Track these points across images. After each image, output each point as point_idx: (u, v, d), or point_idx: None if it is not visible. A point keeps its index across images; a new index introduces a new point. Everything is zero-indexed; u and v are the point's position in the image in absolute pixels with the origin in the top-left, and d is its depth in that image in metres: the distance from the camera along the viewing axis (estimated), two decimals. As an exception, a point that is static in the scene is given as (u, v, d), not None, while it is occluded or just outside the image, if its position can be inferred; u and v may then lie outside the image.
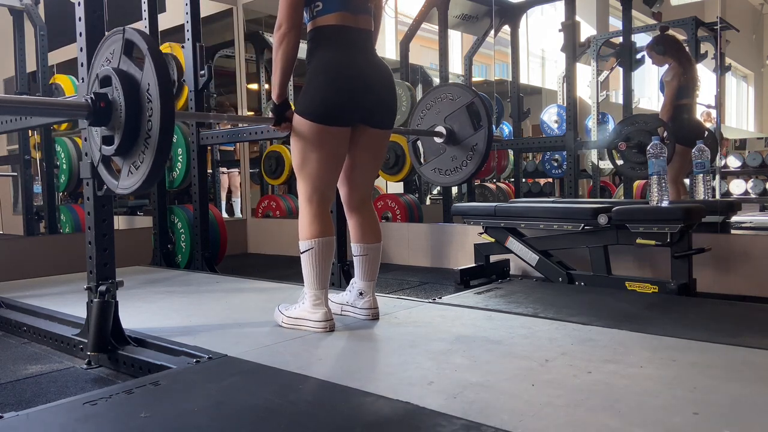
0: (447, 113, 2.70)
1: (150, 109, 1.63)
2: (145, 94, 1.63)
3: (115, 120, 1.69)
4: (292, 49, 1.94)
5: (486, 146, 2.60)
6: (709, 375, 1.49)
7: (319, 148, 1.96)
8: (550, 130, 5.73)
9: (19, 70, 4.65)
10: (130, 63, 1.69)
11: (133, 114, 1.66)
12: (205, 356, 1.75)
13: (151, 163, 1.64)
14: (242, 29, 5.51)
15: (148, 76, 1.62)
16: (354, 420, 1.28)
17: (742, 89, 5.03)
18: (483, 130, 2.61)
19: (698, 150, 3.37)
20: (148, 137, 1.64)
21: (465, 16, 5.26)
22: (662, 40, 3.90)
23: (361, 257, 2.16)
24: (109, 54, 1.77)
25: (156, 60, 1.61)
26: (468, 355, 1.71)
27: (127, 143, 1.68)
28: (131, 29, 1.70)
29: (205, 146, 3.70)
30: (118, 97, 1.67)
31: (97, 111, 1.69)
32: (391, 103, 2.10)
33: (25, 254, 3.84)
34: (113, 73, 1.68)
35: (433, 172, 2.78)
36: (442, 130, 2.69)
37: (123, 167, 1.75)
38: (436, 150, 2.76)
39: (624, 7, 4.42)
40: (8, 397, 1.74)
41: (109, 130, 1.72)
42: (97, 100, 1.70)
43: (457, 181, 2.69)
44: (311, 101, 1.94)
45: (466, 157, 2.64)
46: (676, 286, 2.60)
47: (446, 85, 2.78)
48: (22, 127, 2.37)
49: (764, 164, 4.30)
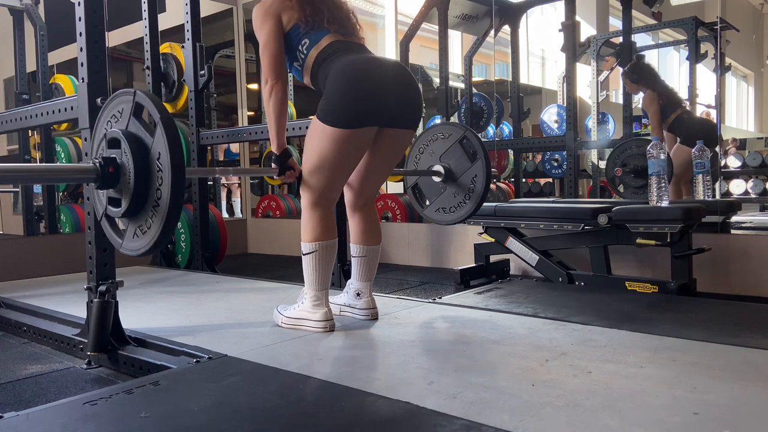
0: (441, 152, 2.74)
1: (160, 178, 1.58)
2: (156, 162, 1.58)
3: (123, 184, 1.64)
4: (281, 99, 1.97)
5: (486, 170, 2.63)
6: (709, 375, 1.49)
7: (338, 153, 1.91)
8: (550, 130, 5.73)
9: (19, 70, 4.65)
10: (140, 126, 1.64)
11: (142, 181, 1.61)
12: (205, 356, 1.74)
13: (159, 231, 1.60)
14: (242, 29, 5.51)
15: (159, 145, 1.57)
16: (354, 420, 1.28)
17: (742, 89, 5.03)
18: (480, 160, 2.63)
19: (698, 150, 3.37)
20: (157, 205, 1.59)
21: (465, 16, 5.26)
22: (636, 68, 4.04)
23: (360, 258, 2.16)
24: (117, 112, 1.71)
25: (168, 129, 1.56)
26: (468, 355, 1.71)
27: (135, 208, 1.64)
28: (142, 93, 1.64)
29: (205, 146, 3.71)
30: (126, 162, 1.62)
31: (106, 176, 1.64)
32: (415, 101, 2.03)
33: (25, 254, 3.84)
34: (122, 137, 1.62)
35: (437, 212, 2.80)
36: (440, 169, 2.72)
37: (128, 228, 1.70)
38: (436, 190, 2.79)
39: (624, 7, 4.42)
40: (8, 397, 1.74)
41: (116, 192, 1.67)
42: (106, 164, 1.64)
43: (464, 215, 2.71)
44: (334, 106, 1.89)
45: (469, 190, 2.66)
46: (676, 286, 2.60)
47: (436, 126, 2.81)
48: (22, 127, 2.37)
49: (764, 164, 4.29)
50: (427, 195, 2.85)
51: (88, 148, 1.99)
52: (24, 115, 2.32)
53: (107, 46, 2.09)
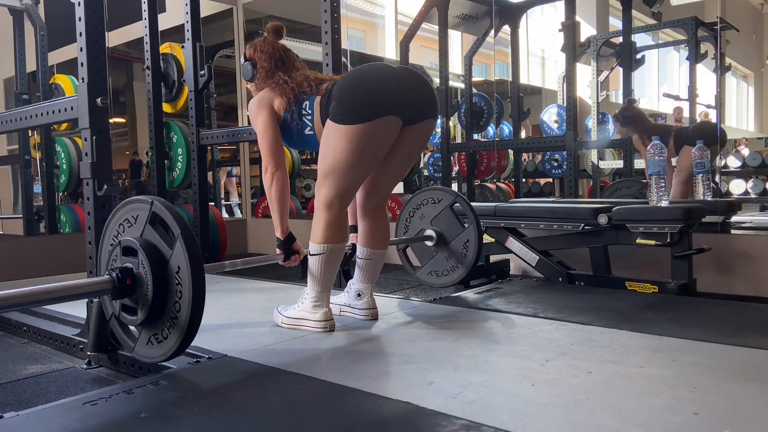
0: (432, 216, 2.76)
1: (179, 291, 1.55)
2: (175, 276, 1.56)
3: (140, 295, 1.60)
4: (282, 185, 2.02)
5: (478, 240, 2.65)
6: (709, 375, 1.49)
7: (352, 152, 1.90)
8: (550, 130, 5.72)
9: (19, 70, 4.65)
10: (157, 236, 1.60)
11: (161, 294, 1.58)
12: (205, 356, 1.75)
13: (177, 344, 1.56)
14: (242, 29, 5.51)
15: (179, 259, 1.54)
16: (354, 420, 1.28)
17: (742, 89, 5.03)
18: (472, 225, 2.66)
19: (698, 150, 3.37)
20: (175, 318, 1.57)
21: (465, 16, 5.26)
22: (625, 112, 4.08)
23: (365, 261, 2.16)
24: (130, 218, 1.67)
25: (189, 246, 1.53)
26: (468, 355, 1.71)
27: (151, 319, 1.60)
28: (159, 203, 1.61)
29: (205, 146, 3.70)
30: (144, 273, 1.58)
31: (122, 288, 1.60)
32: (430, 92, 2.02)
33: (25, 254, 3.84)
34: (139, 247, 1.59)
35: (429, 275, 2.84)
36: (431, 234, 2.75)
37: (141, 335, 1.67)
38: (428, 254, 2.82)
39: (624, 7, 4.42)
40: (8, 397, 1.74)
41: (131, 302, 1.63)
42: (123, 276, 1.59)
43: (455, 279, 2.75)
44: (345, 104, 1.89)
45: (461, 254, 2.70)
46: (676, 286, 2.60)
47: (426, 190, 2.84)
48: (22, 127, 2.37)
49: (764, 164, 4.29)
50: (419, 257, 2.88)
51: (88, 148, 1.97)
52: (24, 115, 2.32)
53: (107, 46, 2.09)
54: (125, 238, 1.64)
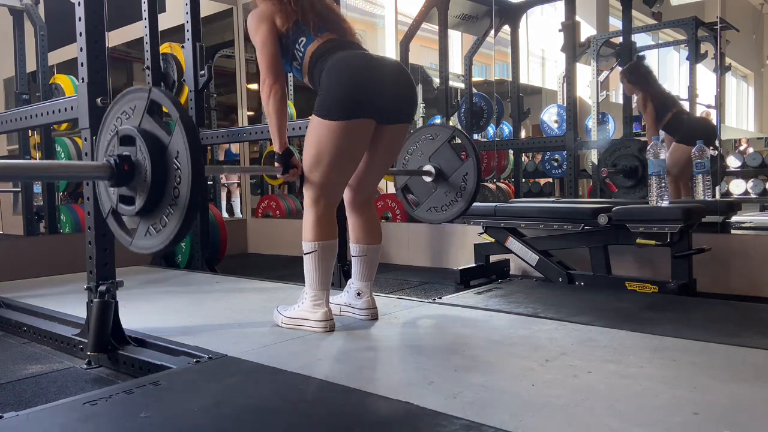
0: (431, 152, 2.75)
1: (178, 176, 1.55)
2: (173, 161, 1.56)
3: (138, 182, 1.60)
4: (281, 98, 1.98)
5: (477, 169, 2.64)
6: (709, 375, 1.49)
7: (336, 147, 1.92)
8: (550, 130, 5.72)
9: (19, 70, 4.65)
10: (155, 124, 1.60)
11: (159, 180, 1.57)
12: (205, 356, 1.74)
13: (175, 231, 1.56)
14: (242, 29, 5.51)
15: (178, 144, 1.54)
16: (354, 420, 1.28)
17: (742, 89, 5.03)
18: (471, 159, 2.64)
19: (698, 150, 3.37)
20: (174, 204, 1.56)
21: (465, 16, 5.26)
22: (633, 69, 4.05)
23: (360, 258, 2.16)
24: (128, 109, 1.67)
25: (188, 128, 1.53)
26: (468, 355, 1.71)
27: (149, 206, 1.60)
28: (158, 90, 1.62)
29: (205, 146, 3.71)
30: (143, 159, 1.58)
31: (120, 174, 1.60)
32: (410, 96, 2.07)
33: (25, 254, 3.84)
34: (138, 134, 1.59)
35: (428, 212, 2.82)
36: (430, 169, 2.73)
37: (139, 226, 1.66)
38: (427, 190, 2.81)
39: (624, 7, 4.42)
40: (8, 397, 1.74)
41: (129, 190, 1.63)
42: (121, 162, 1.60)
43: (456, 213, 2.73)
44: (331, 100, 1.91)
45: (460, 188, 2.68)
46: (676, 286, 2.60)
47: (423, 128, 2.83)
48: (22, 127, 2.37)
49: (764, 164, 4.29)
50: (417, 195, 2.86)
51: (88, 148, 1.99)
52: (24, 115, 2.32)
53: (107, 46, 2.09)
54: (123, 128, 1.64)
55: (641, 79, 3.99)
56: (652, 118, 3.90)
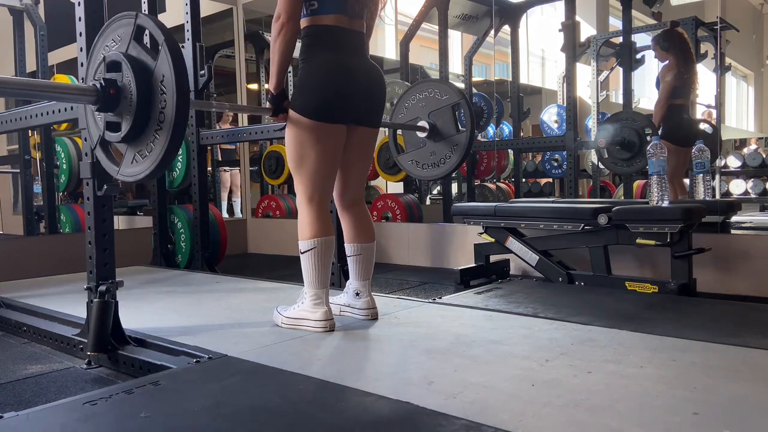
0: (432, 109, 2.72)
1: (164, 100, 1.57)
2: (159, 85, 1.58)
3: (124, 107, 1.62)
4: (290, 39, 1.94)
5: (467, 147, 2.62)
6: (709, 375, 1.49)
7: (316, 144, 1.97)
8: (550, 130, 5.73)
9: (19, 70, 4.65)
10: (141, 50, 1.62)
11: (145, 103, 1.59)
12: (205, 356, 1.74)
13: (161, 155, 1.58)
14: (242, 29, 5.51)
15: (163, 68, 1.56)
16: (354, 420, 1.28)
17: (742, 89, 5.03)
18: (466, 132, 2.63)
19: (698, 150, 3.37)
20: (159, 129, 1.58)
21: (465, 16, 5.26)
22: (668, 35, 3.91)
23: (355, 257, 2.16)
24: (116, 36, 1.69)
25: (173, 52, 1.55)
26: (468, 355, 1.71)
27: (136, 132, 1.62)
28: (144, 15, 1.64)
29: (204, 146, 3.70)
30: (129, 84, 1.60)
31: (106, 98, 1.62)
32: (382, 103, 2.15)
33: (25, 254, 3.84)
34: (124, 59, 1.60)
35: (410, 163, 2.81)
36: (425, 125, 2.71)
37: (126, 154, 1.68)
38: (416, 143, 2.78)
39: (624, 7, 4.42)
40: (8, 397, 1.74)
41: (115, 116, 1.65)
42: (107, 85, 1.62)
43: (435, 176, 2.74)
44: (308, 99, 1.95)
45: (445, 156, 2.66)
46: (676, 286, 2.60)
47: (434, 81, 2.78)
48: (22, 126, 2.37)
49: (764, 164, 4.30)
50: (406, 143, 2.85)
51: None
52: (24, 115, 2.32)
53: (107, 46, 2.09)
54: (109, 54, 1.65)
55: (675, 46, 3.84)
56: (668, 89, 3.79)
